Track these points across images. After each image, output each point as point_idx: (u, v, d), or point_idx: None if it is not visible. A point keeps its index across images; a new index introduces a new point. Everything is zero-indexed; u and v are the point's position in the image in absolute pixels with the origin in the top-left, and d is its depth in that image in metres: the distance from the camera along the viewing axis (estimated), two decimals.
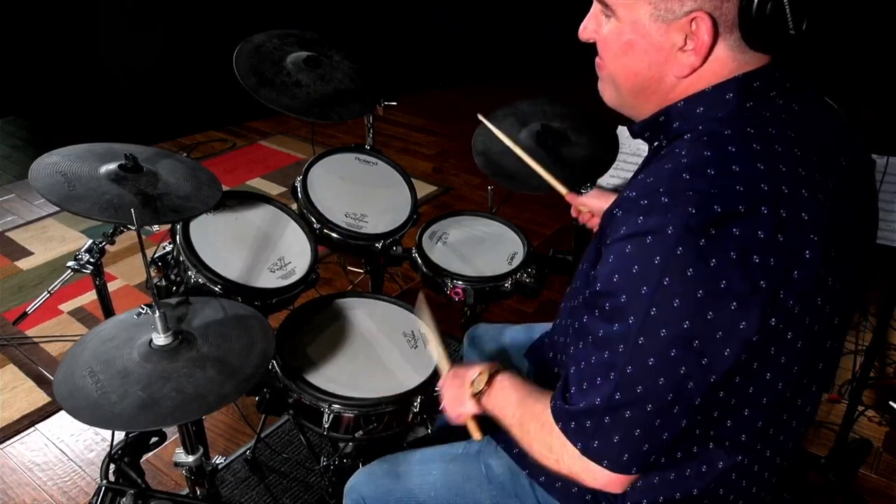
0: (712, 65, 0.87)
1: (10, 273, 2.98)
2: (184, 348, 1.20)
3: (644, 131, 0.97)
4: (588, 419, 0.85)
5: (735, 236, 0.76)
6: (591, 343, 0.85)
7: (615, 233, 0.83)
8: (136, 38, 4.17)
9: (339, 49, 2.00)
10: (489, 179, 1.83)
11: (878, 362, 2.39)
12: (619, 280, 0.81)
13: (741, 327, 0.78)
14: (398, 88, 2.24)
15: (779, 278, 0.79)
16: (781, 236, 0.78)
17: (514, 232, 1.99)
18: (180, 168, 1.55)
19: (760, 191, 0.79)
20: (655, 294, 0.78)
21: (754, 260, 0.77)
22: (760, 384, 0.86)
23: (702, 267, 0.76)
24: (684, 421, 0.84)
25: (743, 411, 0.88)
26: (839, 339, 0.96)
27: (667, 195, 0.79)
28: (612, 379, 0.83)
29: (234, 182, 3.78)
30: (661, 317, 0.78)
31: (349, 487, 1.28)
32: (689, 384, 0.81)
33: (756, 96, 0.87)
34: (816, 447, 2.10)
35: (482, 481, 1.18)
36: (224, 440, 2.15)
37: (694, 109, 0.89)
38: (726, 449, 0.92)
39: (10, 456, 2.10)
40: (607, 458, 0.86)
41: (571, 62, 5.31)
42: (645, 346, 0.80)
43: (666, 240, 0.77)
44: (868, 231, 0.98)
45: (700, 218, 0.76)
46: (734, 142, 0.83)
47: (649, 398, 0.82)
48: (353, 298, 1.70)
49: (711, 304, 0.77)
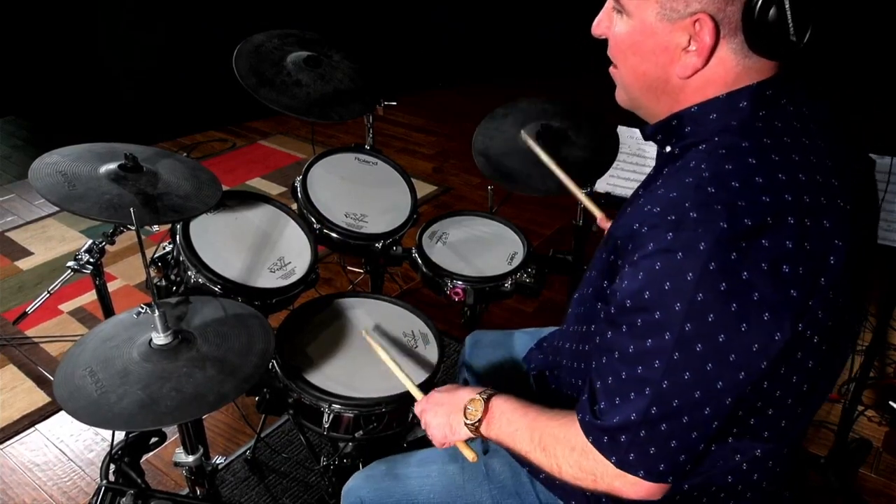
0: (717, 68, 0.87)
1: (10, 273, 2.98)
2: (183, 348, 1.20)
3: (656, 134, 0.97)
4: (623, 434, 0.86)
5: (765, 248, 0.77)
6: (618, 359, 0.86)
7: (641, 249, 0.83)
8: (136, 38, 4.17)
9: (339, 49, 2.00)
10: (489, 179, 1.83)
11: (878, 362, 2.39)
12: (650, 296, 0.81)
13: (776, 338, 0.79)
14: (398, 88, 2.24)
15: (808, 286, 0.80)
16: (808, 244, 0.80)
17: (514, 232, 1.99)
18: (180, 168, 1.55)
19: (784, 201, 0.80)
20: (690, 309, 0.78)
21: (784, 270, 0.78)
22: (786, 387, 0.87)
23: (734, 280, 0.77)
24: (720, 430, 0.85)
25: (767, 411, 0.89)
26: (853, 338, 0.97)
27: (694, 210, 0.80)
28: (647, 394, 0.83)
29: (234, 182, 3.78)
30: (696, 332, 0.79)
31: (347, 490, 1.27)
32: (726, 397, 0.82)
33: (769, 105, 0.87)
34: (816, 447, 2.10)
35: (482, 481, 1.18)
36: (224, 440, 2.15)
37: (707, 115, 0.89)
38: (746, 444, 0.93)
39: (10, 456, 2.10)
40: (643, 469, 0.86)
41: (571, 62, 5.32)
42: (680, 361, 0.80)
43: (698, 255, 0.77)
44: (872, 231, 0.99)
45: (731, 232, 0.77)
46: (753, 153, 0.84)
47: (686, 411, 0.83)
48: (353, 298, 1.71)
49: (746, 316, 0.78)
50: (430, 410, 1.12)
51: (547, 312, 2.73)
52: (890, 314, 1.87)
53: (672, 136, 0.95)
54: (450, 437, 1.09)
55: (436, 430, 1.11)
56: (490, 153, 1.81)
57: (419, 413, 1.16)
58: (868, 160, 1.00)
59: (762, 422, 0.90)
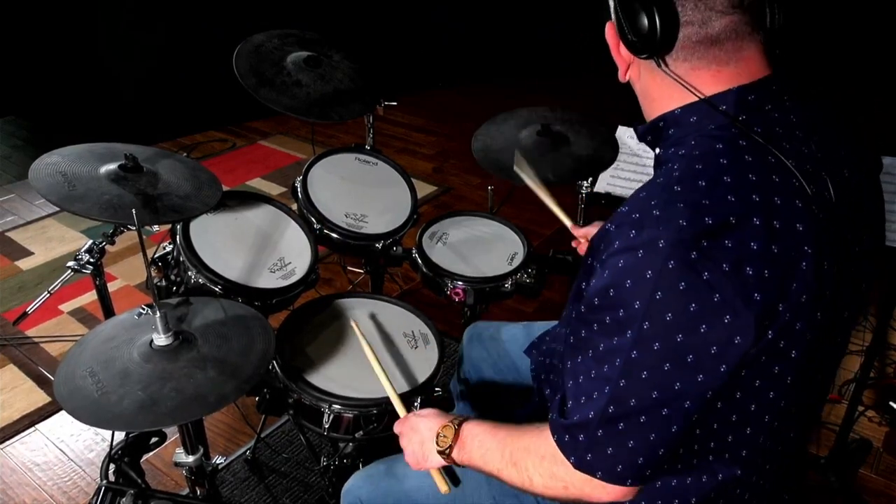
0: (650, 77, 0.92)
1: (10, 273, 2.98)
2: (184, 349, 1.20)
3: (646, 134, 0.98)
4: (581, 432, 0.85)
5: (727, 248, 0.76)
6: (590, 357, 0.85)
7: (609, 247, 0.83)
8: (136, 38, 4.17)
9: (339, 49, 2.00)
10: (489, 179, 1.84)
11: (878, 362, 2.39)
12: (614, 294, 0.81)
13: (736, 342, 0.77)
14: (398, 88, 2.24)
15: (775, 291, 0.78)
16: (776, 247, 0.78)
17: (514, 232, 1.99)
18: (180, 168, 1.55)
19: (752, 201, 0.79)
20: (649, 308, 0.77)
21: (748, 272, 0.76)
22: (763, 402, 0.86)
23: (694, 280, 0.76)
24: (681, 435, 0.83)
25: (745, 429, 0.88)
26: (839, 351, 0.95)
27: (658, 208, 0.79)
28: (605, 392, 0.82)
29: (234, 182, 3.78)
30: (654, 331, 0.78)
31: (346, 490, 1.27)
32: (685, 399, 0.80)
33: (750, 109, 0.87)
34: (816, 447, 2.10)
35: (481, 481, 1.18)
36: (224, 440, 2.15)
37: (688, 118, 0.90)
38: (726, 462, 0.91)
39: (10, 456, 2.10)
40: (600, 470, 0.85)
41: (571, 62, 5.31)
42: (638, 359, 0.80)
43: (658, 253, 0.77)
44: (876, 236, 0.97)
45: (691, 230, 0.76)
46: (725, 154, 0.83)
47: (642, 412, 0.81)
48: (353, 298, 1.70)
49: (705, 317, 0.76)
50: (405, 435, 1.13)
51: (547, 312, 2.73)
52: (890, 314, 1.87)
53: (659, 138, 0.95)
54: (423, 464, 1.09)
55: (409, 456, 1.11)
56: (490, 148, 1.81)
57: (398, 432, 1.16)
58: (871, 161, 0.98)
59: (740, 440, 0.89)
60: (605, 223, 0.88)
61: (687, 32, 0.84)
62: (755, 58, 0.87)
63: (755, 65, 0.87)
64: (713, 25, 0.83)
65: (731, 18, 0.83)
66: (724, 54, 0.85)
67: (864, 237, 0.92)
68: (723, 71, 0.86)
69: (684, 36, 0.84)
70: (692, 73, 0.87)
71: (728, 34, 0.84)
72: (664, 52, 0.86)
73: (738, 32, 0.84)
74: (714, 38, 0.84)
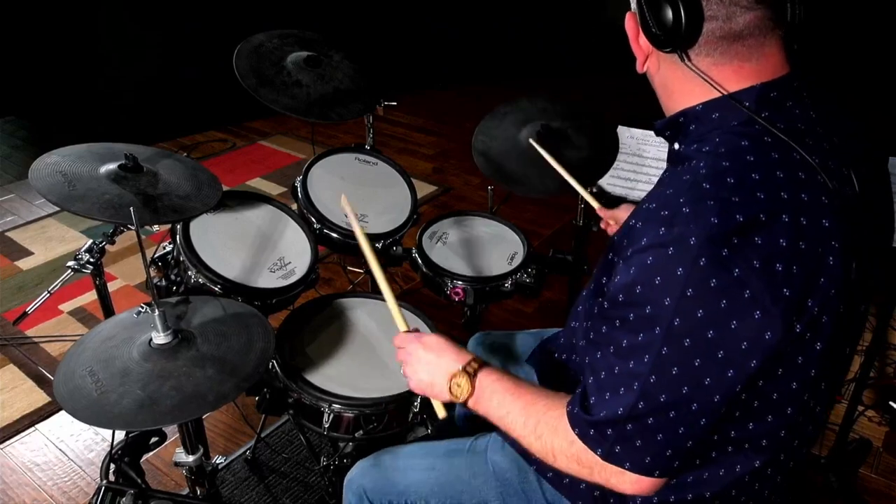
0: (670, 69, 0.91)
1: (10, 273, 2.98)
2: (183, 347, 1.20)
3: (665, 129, 0.98)
4: (609, 427, 0.86)
5: (757, 245, 0.77)
6: (612, 353, 0.86)
7: (635, 244, 0.83)
8: (136, 38, 4.17)
9: (339, 49, 2.00)
10: (489, 179, 1.84)
11: (878, 362, 2.39)
12: (642, 291, 0.81)
13: (766, 337, 0.79)
14: (398, 88, 2.23)
15: (803, 286, 0.79)
16: (803, 244, 0.79)
17: (514, 232, 1.99)
18: (180, 168, 1.55)
19: (780, 199, 0.79)
20: (679, 305, 0.78)
21: (777, 268, 0.77)
22: (786, 392, 0.87)
23: (725, 276, 0.77)
24: (709, 428, 0.84)
25: (766, 417, 0.89)
26: (854, 344, 0.96)
27: (688, 205, 0.80)
28: (635, 389, 0.83)
29: (234, 182, 3.78)
30: (685, 327, 0.79)
31: (349, 480, 1.27)
32: (714, 394, 0.81)
33: (772, 106, 0.87)
34: (816, 447, 2.09)
35: (489, 477, 1.18)
36: (224, 440, 2.15)
37: (710, 114, 0.90)
38: (746, 453, 0.92)
39: (10, 456, 2.10)
40: (629, 461, 0.86)
41: (571, 62, 5.30)
42: (669, 355, 0.80)
43: (688, 250, 0.77)
44: (885, 236, 0.98)
45: (722, 227, 0.77)
46: (752, 151, 0.83)
47: (672, 407, 0.82)
48: (353, 298, 1.70)
49: (735, 313, 0.77)
50: (410, 364, 1.10)
51: (547, 312, 2.73)
52: (890, 314, 1.87)
53: (679, 133, 0.95)
54: (429, 393, 1.08)
55: (415, 384, 1.09)
56: (490, 153, 1.81)
57: (396, 346, 1.14)
58: (878, 158, 0.98)
59: (761, 428, 0.90)
60: (629, 218, 0.88)
61: (711, 27, 0.84)
62: (776, 53, 0.87)
63: (776, 60, 0.87)
64: (737, 21, 0.84)
65: (754, 14, 0.83)
66: (747, 50, 0.85)
67: (877, 233, 0.93)
68: (745, 67, 0.86)
69: (708, 31, 0.84)
70: (714, 69, 0.87)
71: (751, 30, 0.84)
72: (688, 46, 0.86)
73: (760, 28, 0.84)
74: (738, 33, 0.84)
